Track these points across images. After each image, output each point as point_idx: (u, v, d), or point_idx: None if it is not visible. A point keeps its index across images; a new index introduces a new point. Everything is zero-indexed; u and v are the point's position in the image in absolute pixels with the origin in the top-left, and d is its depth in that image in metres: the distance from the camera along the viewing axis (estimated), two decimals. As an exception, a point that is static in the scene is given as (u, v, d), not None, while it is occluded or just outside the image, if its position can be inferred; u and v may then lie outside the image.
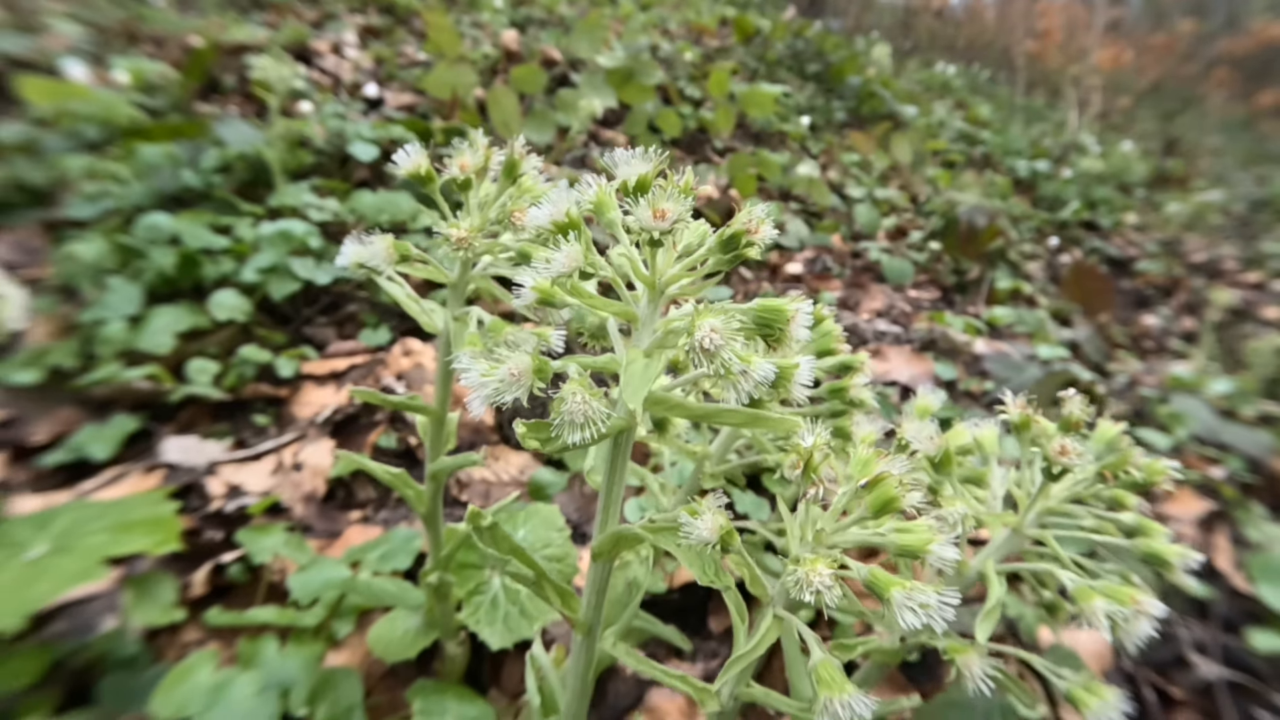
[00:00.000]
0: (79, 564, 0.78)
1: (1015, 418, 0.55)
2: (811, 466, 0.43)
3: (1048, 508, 0.53)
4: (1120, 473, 0.51)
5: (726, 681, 0.50)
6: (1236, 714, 1.12)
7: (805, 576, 0.39)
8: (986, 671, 0.49)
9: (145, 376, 1.34)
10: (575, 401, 0.41)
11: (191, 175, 1.73)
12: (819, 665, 0.41)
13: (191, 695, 0.78)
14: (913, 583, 0.40)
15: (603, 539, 0.50)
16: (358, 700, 0.82)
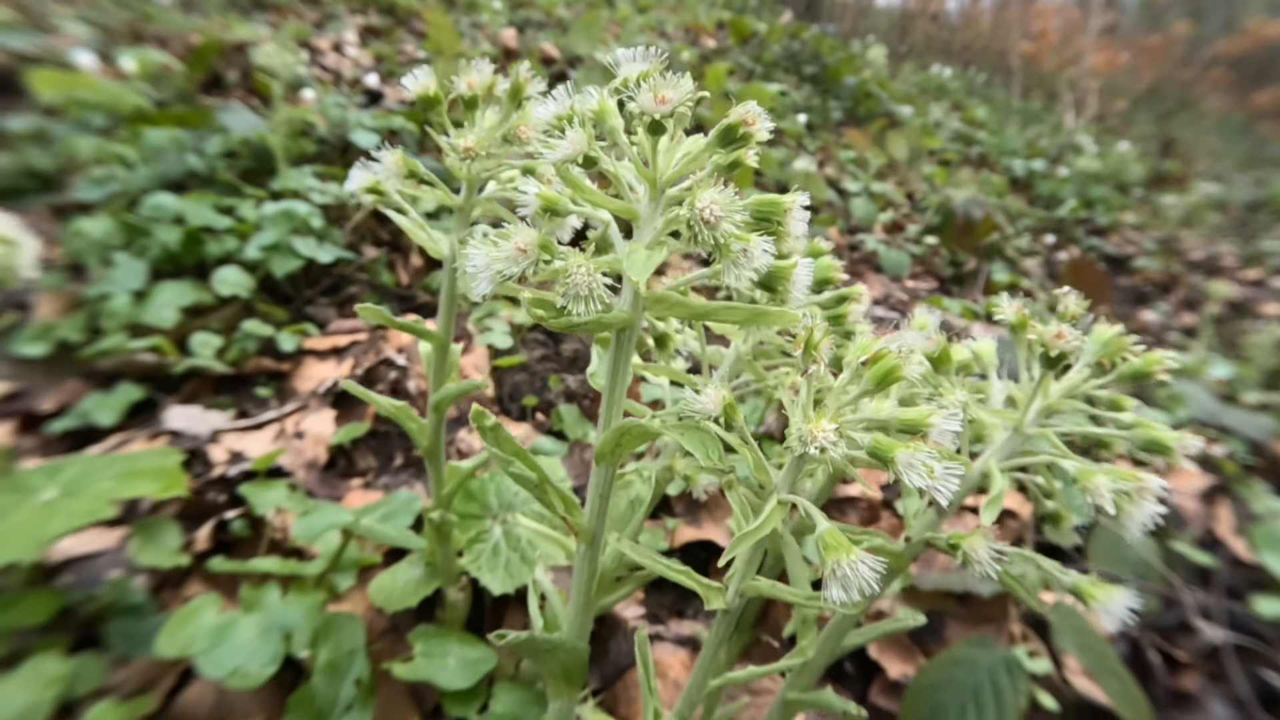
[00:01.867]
0: (89, 505, 0.79)
1: (1011, 318, 0.56)
2: (812, 344, 0.44)
3: (1047, 406, 0.53)
4: (1118, 359, 0.52)
5: (732, 575, 0.50)
6: (1243, 675, 1.12)
7: (810, 433, 0.40)
8: (991, 557, 0.49)
9: (149, 348, 1.35)
10: (580, 274, 0.42)
11: (196, 160, 1.75)
12: (825, 534, 0.41)
13: (196, 635, 0.78)
14: (916, 444, 0.41)
15: (606, 437, 0.51)
16: (360, 644, 0.82)
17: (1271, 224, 4.76)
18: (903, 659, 1.10)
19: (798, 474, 0.45)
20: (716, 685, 0.53)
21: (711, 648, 0.51)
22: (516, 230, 0.43)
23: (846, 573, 0.39)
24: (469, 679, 0.77)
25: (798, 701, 0.57)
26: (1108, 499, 0.47)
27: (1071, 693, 1.09)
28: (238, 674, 0.75)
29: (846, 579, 0.39)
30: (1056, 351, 0.50)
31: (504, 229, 0.44)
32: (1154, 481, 0.48)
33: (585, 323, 0.47)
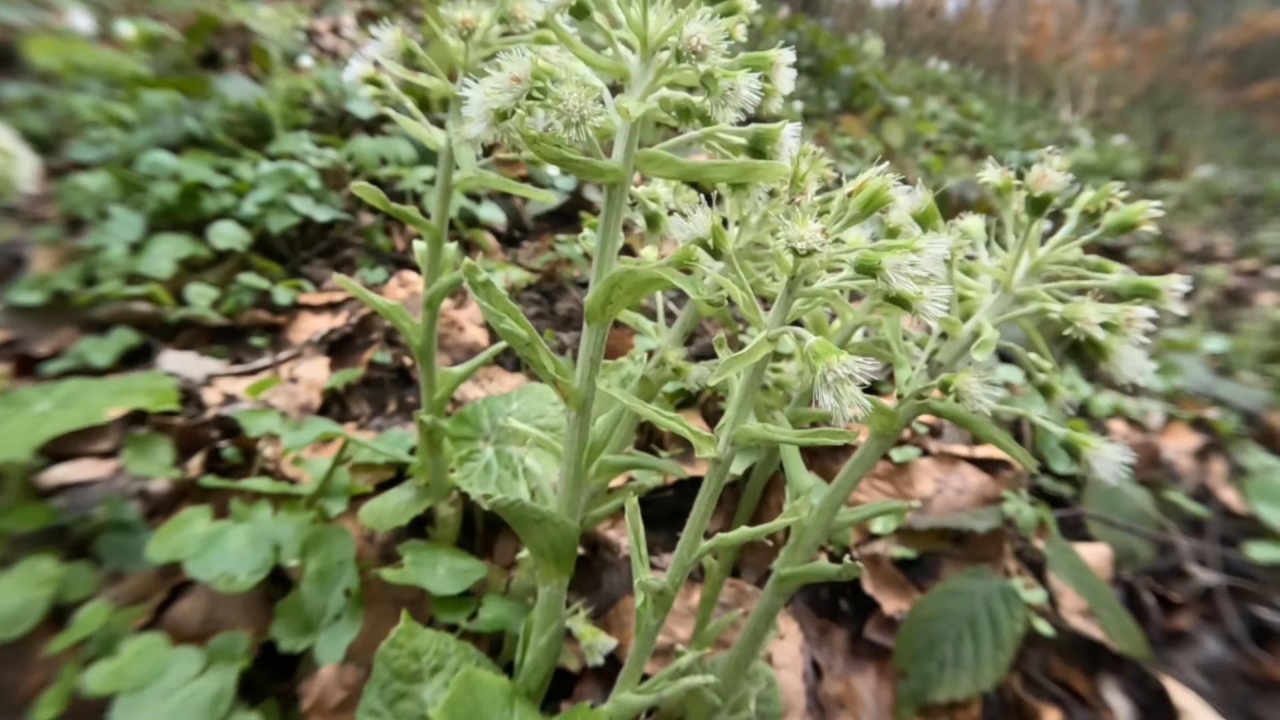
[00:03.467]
0: (83, 412, 0.79)
1: (997, 180, 0.56)
2: (798, 176, 0.44)
3: (1036, 265, 0.53)
4: (1104, 205, 0.52)
5: (723, 425, 0.50)
6: (1236, 613, 1.12)
7: (797, 233, 0.40)
8: (986, 393, 0.48)
9: (144, 295, 1.35)
10: (572, 98, 0.42)
11: (194, 123, 1.75)
12: (815, 344, 0.41)
13: (186, 541, 0.78)
14: (903, 249, 0.41)
15: (596, 291, 0.51)
16: (350, 555, 0.82)
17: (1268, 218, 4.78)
18: (898, 596, 1.10)
19: (787, 309, 0.45)
20: (709, 547, 0.52)
21: (702, 504, 0.51)
22: (510, 59, 0.43)
23: (839, 373, 0.39)
24: (458, 586, 0.77)
25: (791, 576, 0.57)
26: (1096, 327, 0.47)
27: (1068, 630, 1.09)
28: (226, 578, 0.75)
29: (840, 381, 0.39)
30: (1042, 192, 0.50)
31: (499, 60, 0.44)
32: (1141, 312, 0.47)
33: (578, 163, 0.47)
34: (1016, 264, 0.54)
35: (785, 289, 0.44)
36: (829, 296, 0.44)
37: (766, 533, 0.52)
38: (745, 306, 0.45)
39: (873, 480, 1.27)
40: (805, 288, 0.45)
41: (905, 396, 0.53)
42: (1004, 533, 1.14)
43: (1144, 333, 0.48)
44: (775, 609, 0.59)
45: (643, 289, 0.50)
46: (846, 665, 1.03)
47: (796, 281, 0.44)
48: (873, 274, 0.40)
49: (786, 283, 0.44)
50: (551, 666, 0.65)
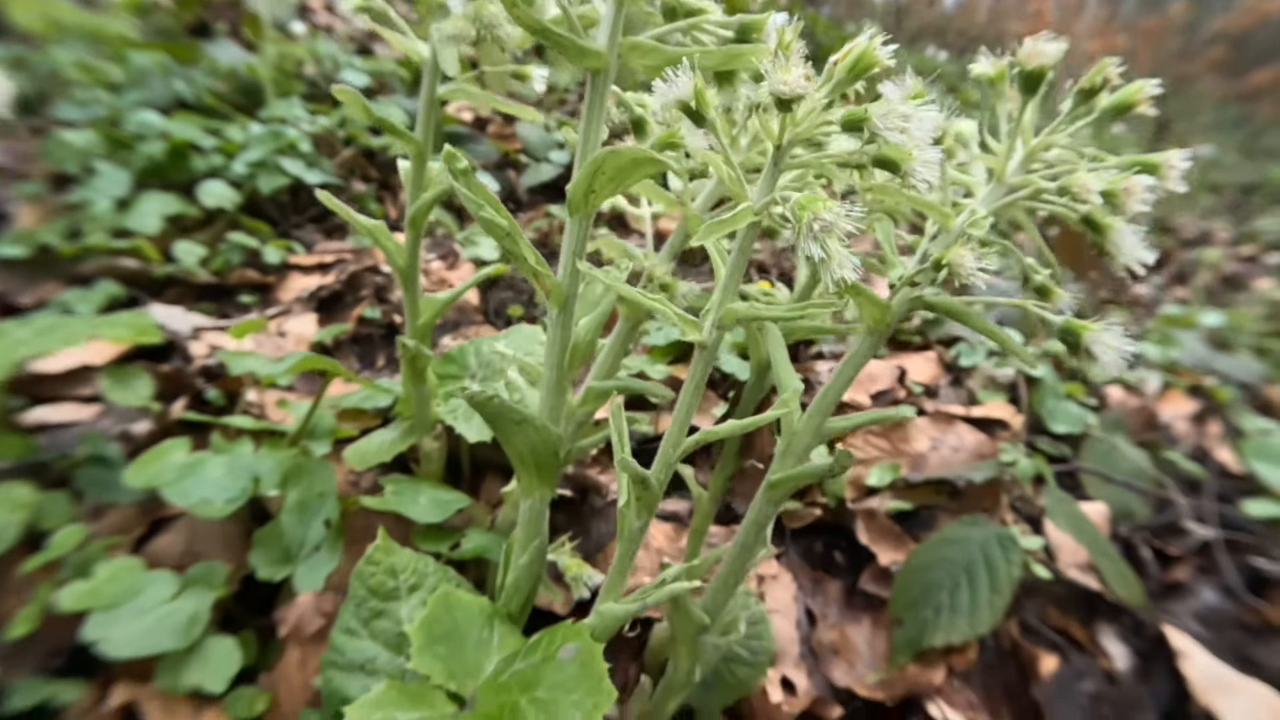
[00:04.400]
0: (61, 337, 0.77)
1: (989, 71, 0.54)
2: (783, 45, 0.42)
3: (1030, 150, 0.52)
4: (1102, 80, 0.50)
5: (709, 310, 0.48)
6: (1232, 565, 1.10)
7: (778, 78, 0.38)
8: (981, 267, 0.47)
9: (130, 250, 1.33)
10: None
11: (183, 86, 1.73)
12: (801, 197, 0.39)
13: (163, 470, 0.76)
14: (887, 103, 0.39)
15: (578, 178, 0.49)
16: (331, 487, 0.80)
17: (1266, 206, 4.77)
18: (894, 547, 1.09)
19: (775, 181, 0.43)
20: (694, 441, 0.51)
21: (688, 393, 0.50)
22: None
23: (827, 220, 0.37)
24: (440, 514, 0.76)
25: (781, 481, 0.55)
26: (1095, 195, 0.46)
27: (1066, 583, 1.07)
28: (203, 504, 0.73)
29: (826, 229, 0.37)
30: (1034, 65, 0.48)
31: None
32: (1139, 181, 0.46)
33: (561, 38, 0.46)
34: (1010, 152, 0.52)
35: (771, 160, 0.42)
36: (817, 167, 0.43)
37: (755, 425, 0.51)
38: (730, 181, 0.43)
39: (867, 435, 1.26)
40: (793, 159, 0.43)
41: (898, 285, 0.51)
42: (1000, 483, 1.12)
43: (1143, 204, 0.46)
44: (765, 519, 0.58)
45: (627, 174, 0.49)
46: (841, 615, 1.02)
47: (783, 152, 0.42)
48: (859, 127, 0.39)
49: (773, 153, 0.42)
50: (533, 589, 0.63)
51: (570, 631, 0.54)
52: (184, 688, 0.64)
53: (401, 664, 0.60)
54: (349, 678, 0.60)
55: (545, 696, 0.51)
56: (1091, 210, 0.47)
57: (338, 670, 0.61)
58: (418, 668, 0.55)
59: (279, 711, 0.69)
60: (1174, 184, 0.48)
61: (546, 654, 0.54)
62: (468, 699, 0.56)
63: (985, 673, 0.92)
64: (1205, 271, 3.27)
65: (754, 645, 0.76)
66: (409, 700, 0.54)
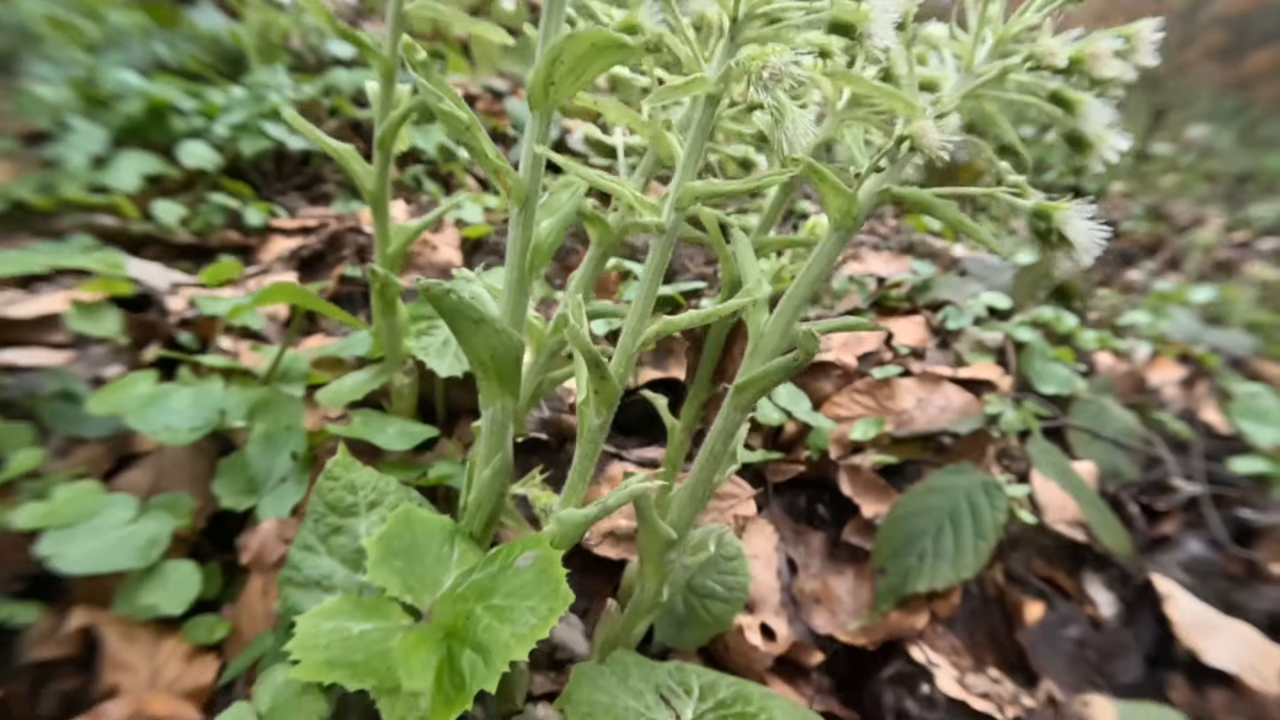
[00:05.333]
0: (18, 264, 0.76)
1: None
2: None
3: (1000, 38, 0.50)
4: None
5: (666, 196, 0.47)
6: (1219, 518, 1.09)
7: None
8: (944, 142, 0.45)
9: (108, 206, 1.31)
10: None
11: (165, 49, 1.71)
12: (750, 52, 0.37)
13: (127, 400, 0.75)
14: None
15: (537, 68, 0.47)
16: (299, 421, 0.79)
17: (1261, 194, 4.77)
18: (878, 500, 1.07)
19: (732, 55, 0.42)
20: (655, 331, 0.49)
21: (648, 278, 0.48)
22: None
23: (776, 66, 0.36)
24: (407, 443, 0.74)
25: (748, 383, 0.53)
26: (1062, 58, 0.44)
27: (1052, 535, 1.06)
28: (167, 431, 0.72)
29: (775, 75, 0.36)
30: None
31: None
32: (1106, 43, 0.44)
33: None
34: (978, 40, 0.50)
35: (728, 35, 0.41)
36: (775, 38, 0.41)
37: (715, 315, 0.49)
38: (687, 58, 0.42)
39: (853, 393, 1.25)
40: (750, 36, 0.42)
41: (865, 173, 0.50)
42: (986, 436, 1.11)
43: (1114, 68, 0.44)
44: (734, 425, 0.56)
45: (588, 61, 0.47)
46: (823, 566, 1.01)
47: (739, 26, 0.41)
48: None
49: (729, 27, 0.41)
50: (497, 506, 0.61)
51: (529, 541, 0.53)
52: (142, 610, 0.63)
53: (359, 580, 0.59)
54: (305, 594, 0.59)
55: (501, 603, 0.50)
56: (1060, 87, 0.46)
57: (294, 587, 0.59)
58: (373, 580, 0.54)
59: (240, 639, 0.67)
60: (1146, 56, 0.46)
61: (504, 564, 0.52)
62: (424, 612, 0.54)
63: (970, 618, 0.91)
64: (1198, 253, 3.26)
65: (729, 581, 0.75)
66: (363, 612, 0.52)
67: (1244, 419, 1.32)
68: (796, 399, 1.16)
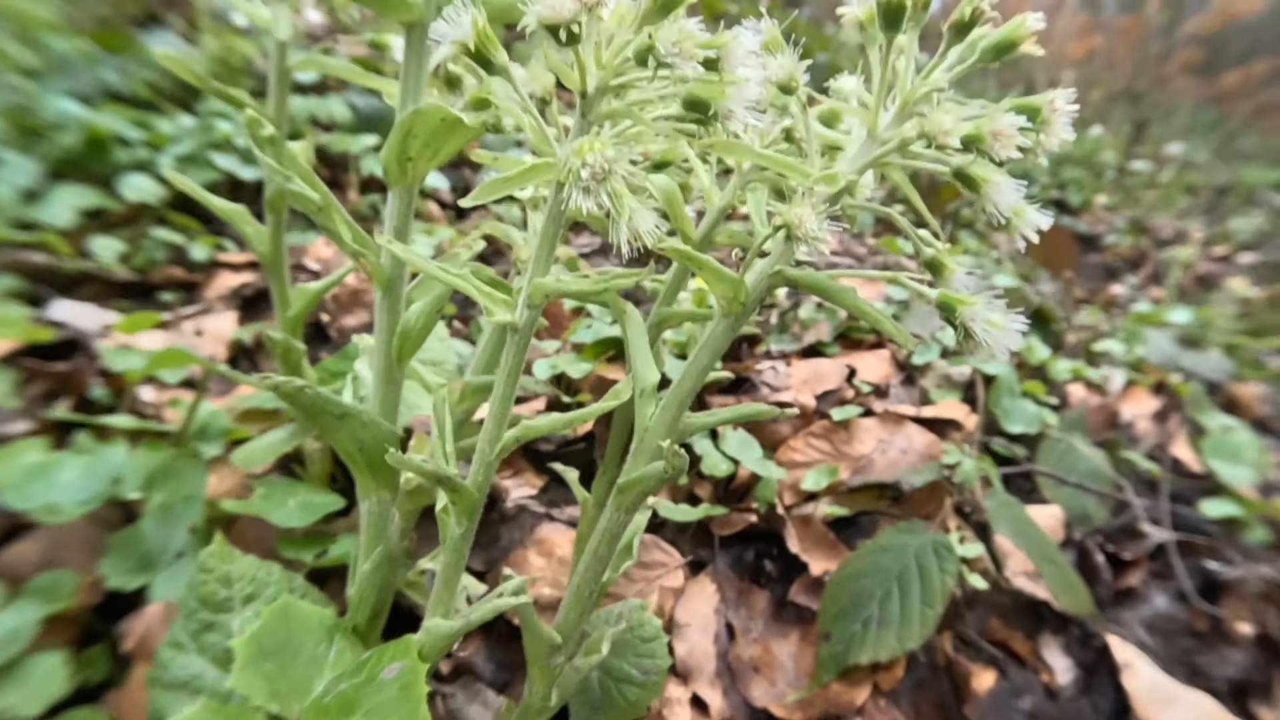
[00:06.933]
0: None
1: (859, 12, 0.49)
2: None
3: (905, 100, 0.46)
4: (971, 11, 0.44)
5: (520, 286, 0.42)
6: (1185, 569, 1.05)
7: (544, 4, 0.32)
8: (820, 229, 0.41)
9: (37, 243, 1.27)
10: None
11: (113, 75, 1.67)
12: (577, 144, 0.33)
13: (9, 472, 0.70)
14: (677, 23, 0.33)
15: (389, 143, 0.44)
16: (200, 490, 0.74)
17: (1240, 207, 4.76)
18: (827, 556, 1.03)
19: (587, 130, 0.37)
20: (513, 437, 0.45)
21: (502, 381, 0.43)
22: None
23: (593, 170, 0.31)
24: (306, 519, 0.70)
25: (629, 484, 0.49)
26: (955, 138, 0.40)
27: (1011, 591, 1.02)
28: (49, 509, 0.67)
29: (594, 180, 0.31)
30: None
31: None
32: (1008, 119, 0.40)
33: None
34: (881, 103, 0.46)
35: (579, 111, 0.37)
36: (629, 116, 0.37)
37: (583, 419, 0.45)
38: (533, 135, 0.38)
39: (809, 438, 1.20)
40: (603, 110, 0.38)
41: (750, 256, 0.46)
42: (943, 487, 1.07)
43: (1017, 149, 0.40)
44: (619, 527, 0.51)
45: (443, 137, 0.43)
46: (766, 629, 0.96)
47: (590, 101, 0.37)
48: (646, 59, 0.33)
49: (580, 103, 0.37)
50: (382, 599, 0.57)
51: (398, 649, 0.48)
52: (-2, 713, 0.58)
53: (228, 682, 0.54)
54: (172, 697, 0.54)
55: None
56: (961, 164, 0.42)
57: (162, 689, 0.55)
58: (237, 686, 0.50)
59: (117, 736, 0.63)
60: (1059, 131, 0.42)
61: (371, 674, 0.48)
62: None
63: (915, 690, 0.87)
64: (1178, 270, 3.24)
65: (646, 664, 0.70)
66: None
67: (1215, 457, 1.29)
68: (747, 445, 1.12)
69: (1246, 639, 0.91)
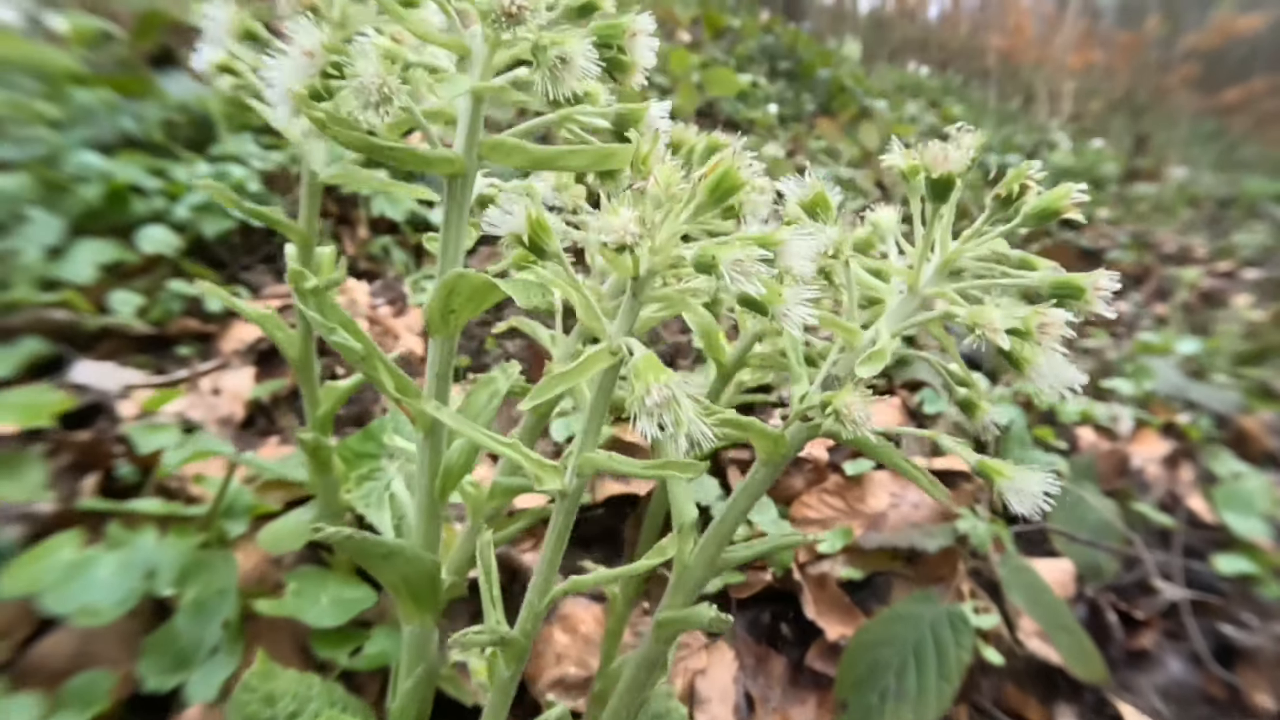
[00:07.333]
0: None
1: (901, 163, 0.50)
2: (640, 157, 0.38)
3: (947, 260, 0.47)
4: (1019, 187, 0.45)
5: (570, 454, 0.44)
6: (1200, 631, 1.06)
7: (606, 222, 0.34)
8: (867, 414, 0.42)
9: (60, 302, 1.28)
10: (369, 74, 0.36)
11: (131, 123, 1.68)
12: (639, 360, 0.35)
13: (46, 572, 0.71)
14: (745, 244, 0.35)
15: (432, 299, 0.45)
16: (232, 583, 0.75)
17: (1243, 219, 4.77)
18: (843, 621, 1.04)
19: (635, 315, 0.39)
20: (562, 590, 0.46)
21: (551, 543, 0.45)
22: (299, 31, 0.38)
23: (656, 399, 0.33)
24: (340, 617, 0.71)
25: (669, 621, 0.50)
26: (1002, 335, 0.41)
27: (1024, 654, 1.03)
28: (87, 611, 0.68)
29: (657, 408, 0.33)
30: (940, 173, 0.44)
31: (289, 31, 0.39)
32: (1057, 316, 0.41)
33: (392, 149, 0.41)
34: (924, 260, 0.48)
35: (630, 292, 0.38)
36: (680, 303, 0.38)
37: (630, 573, 0.46)
38: (584, 312, 0.39)
39: (822, 495, 1.22)
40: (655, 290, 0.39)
41: (791, 417, 0.47)
42: (957, 551, 1.08)
43: (1063, 339, 0.42)
44: (658, 657, 0.53)
45: (483, 296, 0.45)
46: (785, 697, 0.97)
47: (641, 284, 0.38)
48: (709, 271, 0.34)
49: (630, 285, 0.38)
50: (423, 712, 0.58)
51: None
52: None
53: (274, 808, 0.55)
54: (218, 822, 0.55)
55: None
56: (1010, 348, 0.43)
57: (208, 813, 0.56)
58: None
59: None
60: (1099, 308, 0.43)
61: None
62: None
63: (934, 762, 0.88)
64: (1184, 290, 3.25)
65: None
66: None
67: (1228, 509, 1.30)
68: (763, 506, 1.13)
69: (1268, 713, 0.92)
